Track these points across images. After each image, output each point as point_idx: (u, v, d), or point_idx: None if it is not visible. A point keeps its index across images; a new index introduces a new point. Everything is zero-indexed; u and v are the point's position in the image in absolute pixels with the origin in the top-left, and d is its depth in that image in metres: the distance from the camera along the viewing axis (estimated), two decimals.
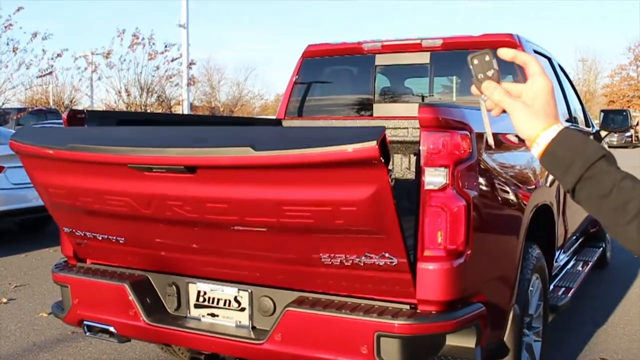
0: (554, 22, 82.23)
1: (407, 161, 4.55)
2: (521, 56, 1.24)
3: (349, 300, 2.49)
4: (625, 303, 5.37)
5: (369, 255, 2.30)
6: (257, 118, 9.99)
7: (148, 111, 19.70)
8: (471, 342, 2.43)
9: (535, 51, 4.50)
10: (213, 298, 2.81)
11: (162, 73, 20.71)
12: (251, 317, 2.72)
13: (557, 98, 5.11)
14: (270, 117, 7.21)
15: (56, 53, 17.69)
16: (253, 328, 2.72)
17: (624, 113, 6.12)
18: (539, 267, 3.28)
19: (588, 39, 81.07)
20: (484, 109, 1.28)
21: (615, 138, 33.83)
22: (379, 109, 4.85)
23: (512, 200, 2.92)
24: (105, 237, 2.90)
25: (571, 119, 4.97)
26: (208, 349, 2.89)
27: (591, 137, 5.45)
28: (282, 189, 2.25)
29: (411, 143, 4.48)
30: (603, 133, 6.10)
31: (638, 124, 44.24)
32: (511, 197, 2.90)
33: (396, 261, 2.28)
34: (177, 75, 21.39)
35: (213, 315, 2.81)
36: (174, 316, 2.89)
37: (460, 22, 79.51)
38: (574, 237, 4.91)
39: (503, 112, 1.26)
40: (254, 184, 2.29)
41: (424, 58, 4.66)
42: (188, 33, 21.38)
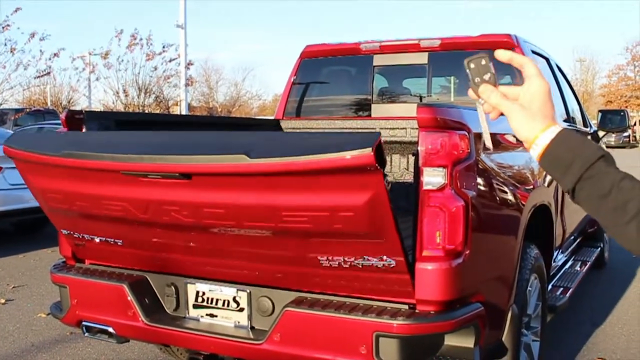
0: (553, 23, 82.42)
1: (406, 161, 4.55)
2: (517, 58, 1.24)
3: (348, 300, 2.49)
4: (623, 303, 5.37)
5: (367, 258, 2.30)
6: (256, 118, 9.99)
7: (146, 112, 19.69)
8: (470, 342, 2.44)
9: (533, 51, 4.51)
10: (212, 298, 2.81)
11: (160, 73, 20.73)
12: (250, 318, 2.72)
13: (555, 98, 5.11)
14: (268, 118, 7.20)
15: (53, 53, 17.70)
16: (252, 328, 2.72)
17: (622, 113, 6.13)
18: (538, 267, 3.28)
19: (586, 39, 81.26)
20: (482, 113, 1.28)
21: (613, 138, 33.89)
22: (377, 110, 4.84)
23: (511, 200, 2.92)
24: (103, 240, 2.90)
25: (569, 119, 4.98)
26: (207, 350, 2.88)
27: (589, 138, 5.47)
28: (278, 195, 2.25)
29: (409, 143, 4.48)
30: (601, 133, 6.10)
31: (636, 124, 44.30)
32: (509, 197, 2.91)
33: (394, 263, 2.28)
34: (175, 75, 21.42)
35: (212, 315, 2.81)
36: (173, 316, 2.89)
37: (460, 23, 79.69)
38: (572, 237, 4.92)
39: (501, 115, 1.26)
40: (250, 190, 2.29)
41: (422, 58, 4.67)
42: (186, 33, 21.42)
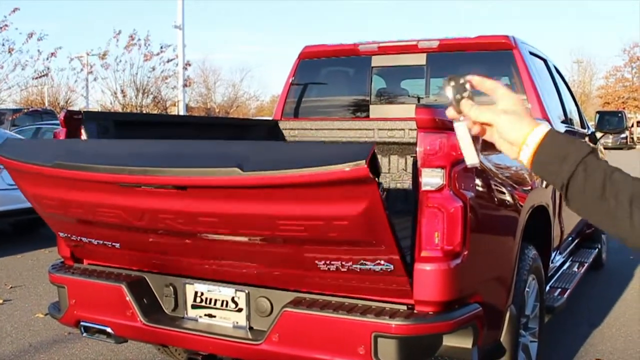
0: (550, 24, 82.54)
1: (404, 162, 4.56)
2: (487, 83, 1.31)
3: (346, 300, 2.49)
4: (621, 304, 5.38)
5: (365, 262, 2.31)
6: (254, 119, 9.98)
7: (144, 112, 19.68)
8: (468, 343, 2.44)
9: (531, 52, 4.51)
10: (210, 299, 2.81)
11: (158, 74, 20.76)
12: (248, 318, 2.72)
13: (553, 100, 5.10)
14: (266, 118, 7.21)
15: (50, 52, 17.71)
16: (250, 329, 2.72)
17: (619, 114, 6.12)
18: (535, 268, 3.29)
19: (583, 41, 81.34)
20: (462, 130, 1.30)
21: (610, 140, 33.92)
22: (375, 111, 4.85)
23: (509, 201, 2.93)
24: (100, 243, 2.90)
25: (567, 121, 4.98)
26: (205, 350, 2.89)
27: (586, 139, 5.48)
28: (272, 205, 2.25)
29: (407, 144, 4.49)
30: (598, 134, 6.11)
31: (633, 126, 44.36)
32: (507, 198, 2.91)
33: (392, 267, 2.29)
34: (173, 76, 21.42)
35: (210, 315, 2.81)
36: (171, 317, 2.89)
37: (460, 23, 79.75)
38: (570, 238, 4.93)
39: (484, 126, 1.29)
40: (245, 200, 2.29)
41: (420, 59, 4.67)
42: (184, 34, 21.42)
